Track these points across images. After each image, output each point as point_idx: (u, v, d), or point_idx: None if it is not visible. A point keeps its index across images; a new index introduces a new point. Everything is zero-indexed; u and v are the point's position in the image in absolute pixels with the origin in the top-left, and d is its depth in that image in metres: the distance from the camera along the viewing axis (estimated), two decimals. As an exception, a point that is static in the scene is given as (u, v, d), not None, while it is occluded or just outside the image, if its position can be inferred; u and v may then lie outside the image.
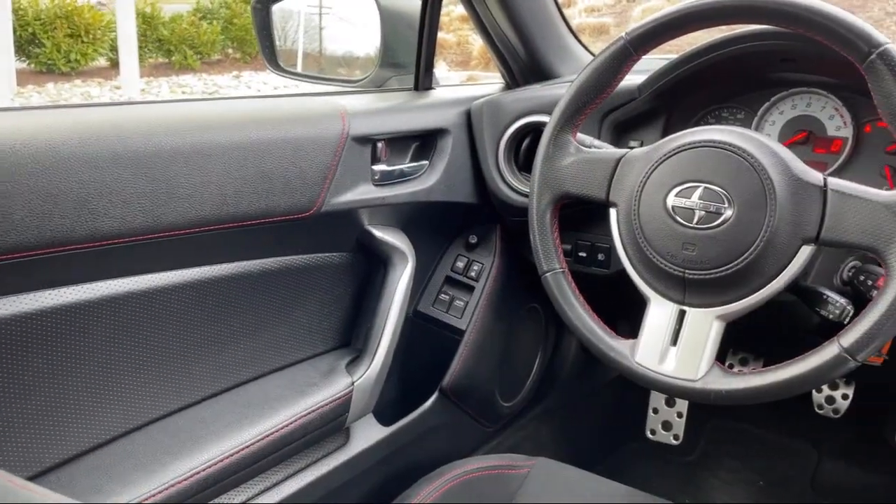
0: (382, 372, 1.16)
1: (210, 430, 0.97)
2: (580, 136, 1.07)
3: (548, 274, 1.01)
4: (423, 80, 1.35)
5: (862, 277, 0.98)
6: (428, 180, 1.25)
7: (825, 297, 0.89)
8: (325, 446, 1.16)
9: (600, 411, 1.88)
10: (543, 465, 1.11)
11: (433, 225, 1.36)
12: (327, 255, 1.14)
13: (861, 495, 1.68)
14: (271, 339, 1.09)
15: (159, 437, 0.93)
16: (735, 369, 1.72)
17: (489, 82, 1.56)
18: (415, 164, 1.25)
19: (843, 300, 0.88)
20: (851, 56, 0.79)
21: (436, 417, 1.36)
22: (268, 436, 1.00)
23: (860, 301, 0.94)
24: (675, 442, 1.79)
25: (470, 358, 1.37)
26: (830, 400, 1.59)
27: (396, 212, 1.21)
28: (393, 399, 1.32)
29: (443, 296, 1.40)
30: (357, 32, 1.51)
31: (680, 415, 1.77)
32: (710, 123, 1.24)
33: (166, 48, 11.23)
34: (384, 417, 1.26)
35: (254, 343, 1.07)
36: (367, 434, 1.22)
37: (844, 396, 1.59)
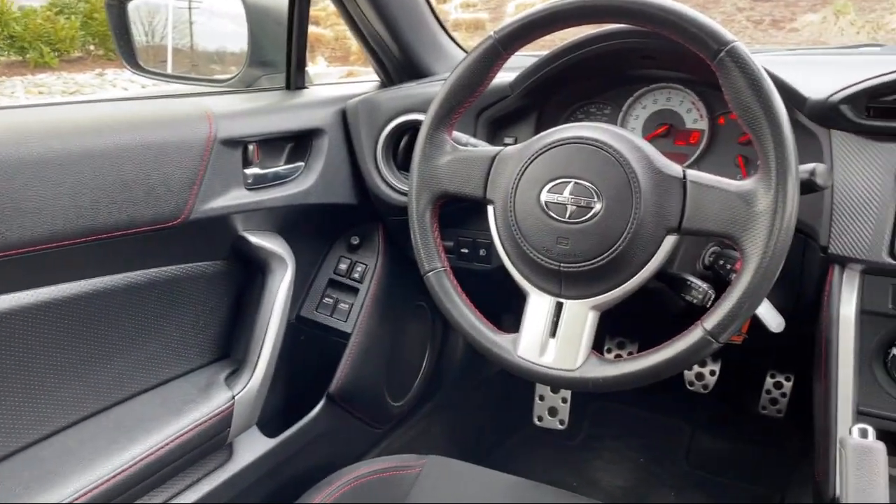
0: (265, 382, 1.12)
1: (77, 458, 0.90)
2: (456, 134, 1.07)
3: (430, 273, 1.00)
4: (295, 79, 1.31)
5: (721, 262, 1.04)
6: (305, 182, 1.22)
7: (689, 283, 0.93)
8: (208, 464, 1.11)
9: (490, 402, 1.91)
10: (435, 463, 1.11)
11: (313, 227, 1.33)
12: (200, 264, 1.09)
13: (731, 463, 1.80)
14: (142, 357, 1.03)
15: (17, 471, 0.86)
16: (613, 353, 1.81)
17: (365, 80, 1.54)
18: (290, 165, 1.21)
19: (704, 285, 0.93)
20: (703, 53, 0.83)
21: (324, 424, 1.33)
22: (142, 459, 0.94)
23: (721, 284, 1.00)
24: (560, 427, 1.85)
25: (357, 361, 1.35)
26: (700, 377, 1.69)
27: (273, 216, 1.17)
28: (278, 409, 1.29)
29: (326, 299, 1.37)
30: (230, 27, 1.45)
31: (564, 400, 1.82)
32: (580, 119, 1.28)
33: (19, 45, 10.40)
34: (269, 429, 1.22)
35: (122, 362, 1.00)
36: (252, 447, 1.18)
37: (712, 373, 1.69)
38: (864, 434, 0.71)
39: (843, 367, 1.01)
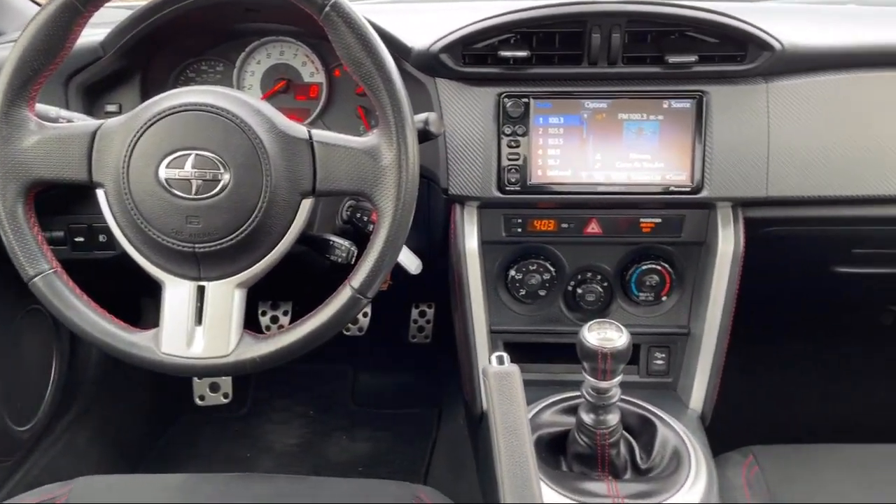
0: None
1: None
2: (41, 107, 0.91)
3: (36, 279, 0.84)
4: None
5: (358, 215, 1.07)
6: None
7: (332, 243, 0.94)
8: None
9: (143, 394, 1.74)
10: (84, 486, 0.97)
11: None
12: None
13: (392, 393, 1.92)
14: None
15: None
16: (268, 315, 1.78)
17: None
18: None
19: (346, 243, 0.93)
20: (309, 9, 0.81)
21: None
22: None
23: (362, 235, 1.02)
24: (225, 400, 1.78)
25: None
26: (354, 321, 1.75)
27: None
28: None
29: None
30: None
31: (225, 372, 1.75)
32: (191, 79, 1.18)
33: None
34: None
35: None
36: None
37: (365, 314, 1.76)
38: (501, 361, 0.79)
39: (474, 294, 1.12)
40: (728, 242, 1.08)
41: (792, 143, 1.05)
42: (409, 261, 1.05)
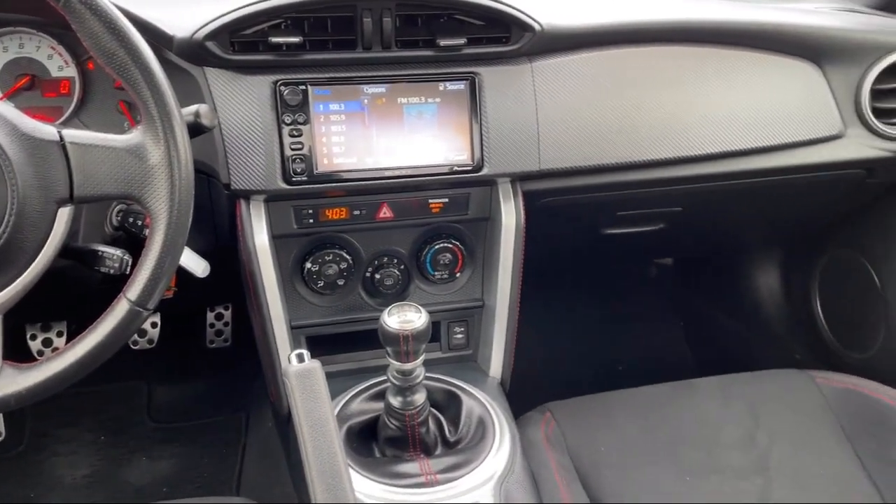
0: None
1: None
2: None
3: None
4: None
5: (131, 219, 0.98)
6: None
7: (101, 253, 0.85)
8: None
9: None
10: None
11: None
12: None
13: (193, 404, 1.80)
14: None
15: None
16: (39, 339, 1.60)
17: None
18: None
19: (118, 252, 0.85)
20: None
21: None
22: None
23: (137, 242, 0.94)
24: None
25: None
26: (142, 333, 1.62)
27: None
28: None
29: None
30: None
31: (-7, 408, 1.54)
32: None
33: None
34: None
35: None
36: None
37: (154, 325, 1.64)
38: (301, 358, 0.77)
39: (269, 291, 1.08)
40: (510, 216, 1.14)
41: (557, 119, 1.13)
42: (195, 263, 0.99)
